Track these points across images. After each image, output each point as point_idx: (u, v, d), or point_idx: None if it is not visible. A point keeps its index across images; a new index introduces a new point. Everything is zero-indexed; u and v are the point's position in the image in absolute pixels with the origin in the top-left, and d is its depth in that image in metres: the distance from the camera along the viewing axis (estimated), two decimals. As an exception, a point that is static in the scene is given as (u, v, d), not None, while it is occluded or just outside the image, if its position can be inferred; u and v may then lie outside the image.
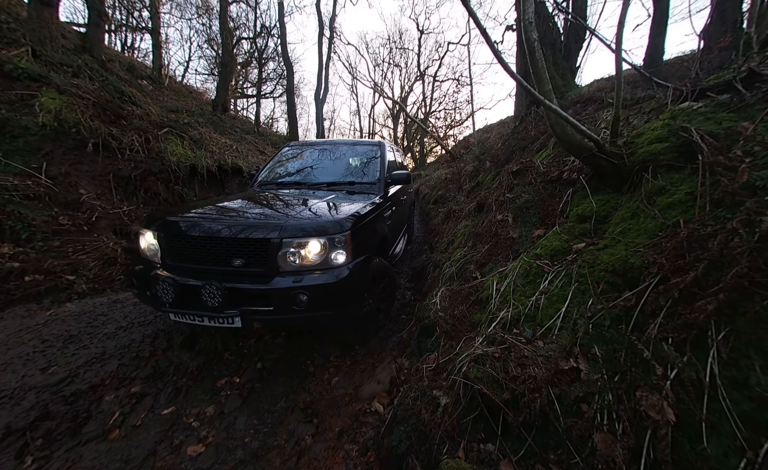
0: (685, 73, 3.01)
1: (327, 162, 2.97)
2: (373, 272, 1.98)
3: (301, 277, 1.56)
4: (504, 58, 1.64)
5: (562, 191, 2.19)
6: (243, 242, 1.57)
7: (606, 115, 2.75)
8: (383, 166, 2.78)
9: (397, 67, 19.95)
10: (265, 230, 1.59)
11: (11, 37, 4.37)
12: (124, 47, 12.06)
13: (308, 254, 1.61)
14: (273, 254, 1.55)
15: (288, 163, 3.09)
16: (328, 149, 3.14)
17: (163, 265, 1.73)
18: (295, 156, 3.17)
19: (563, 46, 4.56)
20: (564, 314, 1.29)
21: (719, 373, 0.87)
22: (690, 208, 1.31)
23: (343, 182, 2.60)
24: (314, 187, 2.56)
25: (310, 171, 2.88)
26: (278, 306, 1.53)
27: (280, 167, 3.05)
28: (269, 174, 2.94)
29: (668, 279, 1.08)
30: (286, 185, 2.73)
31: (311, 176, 2.81)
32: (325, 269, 1.62)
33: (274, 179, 2.85)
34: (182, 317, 1.56)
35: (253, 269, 1.58)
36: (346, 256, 1.67)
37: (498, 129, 10.19)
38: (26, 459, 1.23)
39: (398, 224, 3.18)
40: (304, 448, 1.37)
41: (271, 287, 1.53)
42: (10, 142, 3.34)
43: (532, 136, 3.86)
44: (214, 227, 1.62)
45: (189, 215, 1.82)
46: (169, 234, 1.72)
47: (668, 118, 1.86)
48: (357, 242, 1.76)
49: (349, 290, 1.67)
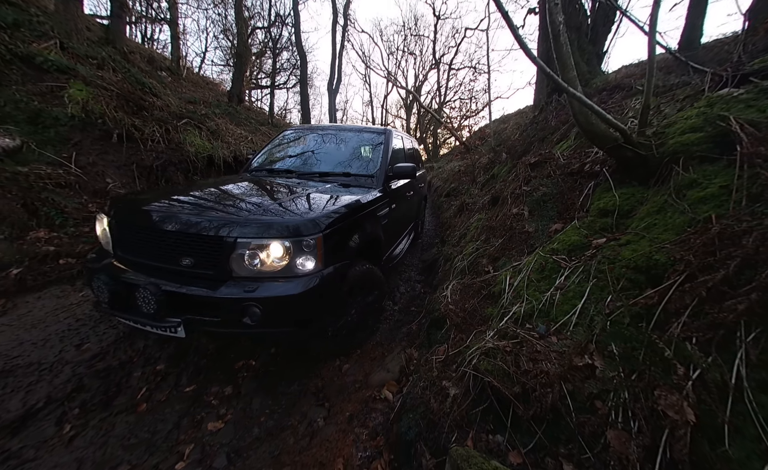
0: (726, 57, 2.77)
1: (326, 149, 2.68)
2: (356, 280, 1.74)
3: (255, 286, 1.31)
4: (525, 42, 1.56)
5: (583, 184, 2.10)
6: (192, 238, 1.35)
7: (634, 104, 2.59)
8: (385, 157, 2.46)
9: (412, 55, 19.45)
10: (217, 226, 1.34)
11: (41, 30, 4.57)
12: (144, 39, 12.36)
13: (268, 258, 1.35)
14: (225, 256, 1.32)
15: (284, 148, 2.85)
16: (330, 134, 2.86)
17: (115, 256, 1.54)
18: (293, 141, 2.92)
19: (590, 29, 4.28)
20: (580, 311, 1.26)
21: (746, 375, 0.83)
22: (724, 202, 1.23)
23: (337, 173, 2.30)
24: (305, 176, 2.31)
25: (305, 158, 2.63)
26: (225, 318, 1.30)
27: (276, 152, 2.80)
28: (262, 159, 2.72)
29: (695, 277, 1.03)
30: (275, 172, 2.48)
31: (305, 163, 2.56)
32: (289, 277, 1.37)
33: (264, 165, 2.62)
34: (124, 320, 1.36)
35: (203, 271, 1.36)
36: (315, 263, 1.41)
37: (515, 119, 9.82)
38: (65, 426, 1.34)
39: (400, 223, 2.87)
40: (316, 430, 1.42)
41: (217, 295, 1.29)
42: (43, 132, 3.53)
43: (552, 126, 3.70)
44: (163, 218, 1.41)
45: (143, 200, 1.61)
46: (120, 222, 1.52)
47: (704, 106, 1.73)
48: (332, 246, 1.51)
49: (317, 304, 1.42)
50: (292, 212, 1.56)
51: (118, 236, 1.53)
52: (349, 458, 1.27)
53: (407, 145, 3.61)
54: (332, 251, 1.51)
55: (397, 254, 2.77)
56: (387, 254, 2.42)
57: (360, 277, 1.78)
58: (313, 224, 1.43)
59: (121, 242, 1.52)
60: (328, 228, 1.48)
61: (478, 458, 0.88)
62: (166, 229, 1.38)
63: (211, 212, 1.50)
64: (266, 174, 2.46)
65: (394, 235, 2.65)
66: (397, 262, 2.76)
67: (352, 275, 1.70)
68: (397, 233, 2.78)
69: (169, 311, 1.28)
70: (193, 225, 1.36)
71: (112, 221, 1.55)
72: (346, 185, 2.16)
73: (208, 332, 1.49)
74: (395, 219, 2.55)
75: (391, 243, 2.59)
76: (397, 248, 2.86)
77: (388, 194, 2.29)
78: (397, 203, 2.59)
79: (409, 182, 3.02)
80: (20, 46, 4.00)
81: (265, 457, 1.28)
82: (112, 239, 1.55)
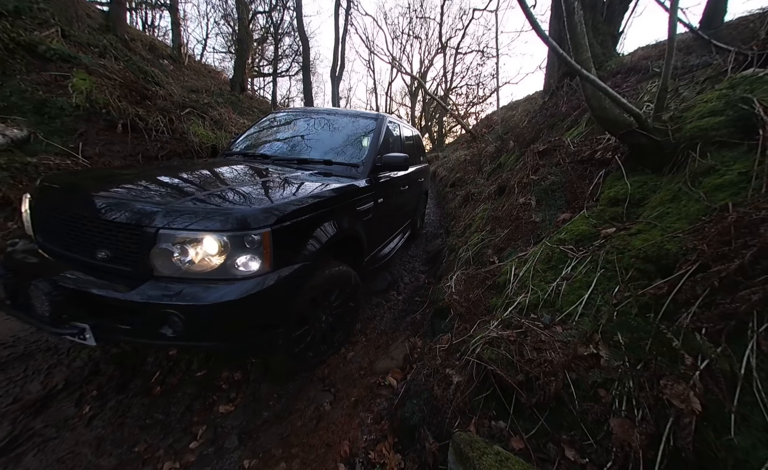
0: (751, 36, 2.60)
1: (312, 134, 2.45)
2: (324, 286, 1.49)
3: (180, 288, 1.07)
4: (537, 21, 1.49)
5: (594, 172, 2.04)
6: (108, 226, 1.12)
7: (651, 87, 2.47)
8: (375, 145, 2.21)
9: (417, 39, 18.81)
10: (137, 213, 1.11)
11: (41, 18, 4.53)
12: (144, 25, 12.18)
13: (198, 255, 1.10)
14: (145, 250, 1.08)
15: (269, 131, 2.62)
16: (319, 118, 2.62)
17: (36, 243, 1.33)
18: (280, 124, 2.69)
19: (606, 7, 4.06)
20: (587, 301, 1.25)
21: (756, 366, 0.82)
22: (742, 190, 1.18)
23: (317, 161, 2.06)
24: (281, 162, 2.08)
25: (288, 143, 2.38)
26: (138, 326, 1.08)
27: (259, 135, 2.58)
28: (242, 142, 2.51)
29: (708, 267, 1.01)
30: (250, 156, 2.25)
31: (286, 148, 2.32)
32: (224, 280, 1.11)
33: (241, 149, 2.40)
34: (25, 322, 1.15)
35: (119, 266, 1.13)
36: (261, 263, 1.15)
37: (524, 105, 9.51)
38: (84, 407, 1.41)
39: (391, 220, 2.60)
40: (323, 413, 1.47)
41: (127, 297, 1.05)
42: (49, 123, 3.55)
43: (562, 112, 3.58)
44: (77, 201, 1.21)
45: (65, 180, 1.40)
46: (38, 203, 1.31)
47: (726, 87, 1.64)
48: (287, 244, 1.24)
49: (260, 314, 1.17)
50: (237, 201, 1.27)
51: (38, 219, 1.31)
52: (355, 440, 1.31)
53: (406, 134, 3.34)
54: (287, 250, 1.24)
55: (384, 255, 2.50)
56: (371, 254, 2.14)
57: (330, 282, 1.53)
58: (260, 216, 1.15)
59: (41, 227, 1.31)
60: (282, 222, 1.21)
61: (480, 442, 0.90)
62: (80, 213, 1.16)
63: (136, 196, 1.23)
64: (240, 159, 2.24)
65: (381, 233, 2.36)
66: (384, 263, 2.49)
67: (319, 280, 1.44)
68: (385, 231, 2.50)
69: (75, 314, 1.05)
70: (109, 210, 1.12)
71: (32, 201, 1.33)
72: (327, 173, 1.92)
73: (123, 340, 1.21)
74: (384, 215, 2.30)
75: (377, 242, 2.30)
76: (386, 247, 2.56)
77: (374, 187, 2.05)
78: (387, 197, 2.33)
79: (406, 175, 2.84)
80: (22, 34, 3.98)
81: (274, 438, 1.33)
82: (33, 222, 1.33)
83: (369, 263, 2.15)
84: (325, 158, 2.08)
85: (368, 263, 2.13)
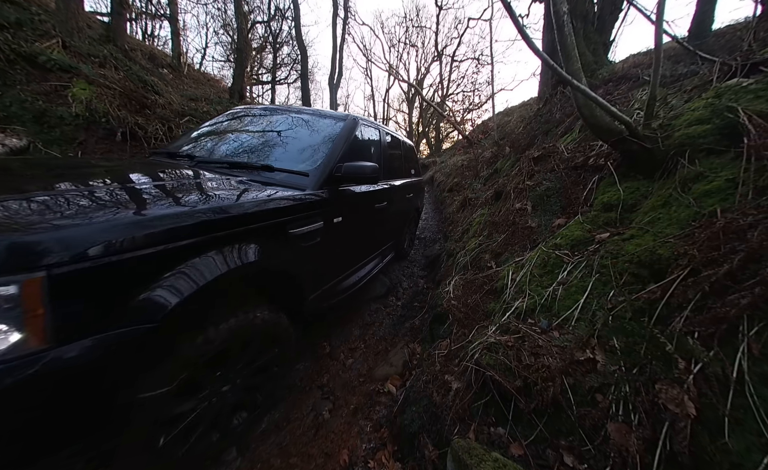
0: (737, 45, 2.69)
1: (266, 135, 2.02)
2: (220, 344, 1.03)
3: None
4: (529, 33, 1.54)
5: (587, 178, 2.08)
6: None
7: (641, 95, 2.54)
8: (335, 152, 1.76)
9: (414, 47, 19.16)
10: None
11: (42, 29, 4.59)
12: (144, 36, 12.33)
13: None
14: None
15: (217, 129, 2.20)
16: (281, 117, 2.19)
17: None
18: (234, 121, 2.24)
19: (596, 17, 4.18)
20: (582, 306, 1.27)
21: (748, 369, 0.83)
22: (729, 196, 1.22)
23: (254, 166, 1.62)
24: (206, 165, 1.65)
25: (229, 143, 1.96)
26: None
27: (203, 133, 2.16)
28: (182, 140, 2.10)
29: (699, 271, 1.03)
30: (174, 155, 1.81)
31: (224, 150, 1.89)
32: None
33: (173, 149, 1.96)
34: None
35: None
36: (23, 336, 0.66)
37: (519, 112, 9.68)
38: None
39: (360, 244, 2.19)
40: (322, 422, 1.46)
41: None
42: (48, 132, 3.57)
43: (556, 119, 3.65)
44: None
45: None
46: None
47: (712, 96, 1.69)
48: (94, 295, 0.74)
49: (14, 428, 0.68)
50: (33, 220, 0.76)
51: None
52: (354, 449, 1.30)
53: (389, 142, 2.86)
54: (99, 308, 0.75)
55: (349, 286, 2.04)
56: (322, 289, 1.69)
57: (237, 337, 1.07)
58: (23, 249, 0.67)
59: None
60: (83, 259, 0.71)
61: (479, 449, 0.90)
62: None
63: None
64: (163, 157, 1.83)
65: (340, 260, 1.91)
66: (350, 294, 2.03)
67: (212, 338, 1.00)
68: (349, 257, 2.04)
69: None
70: None
71: None
72: (268, 182, 1.49)
73: None
74: (345, 238, 1.87)
75: (333, 273, 1.83)
76: (351, 277, 2.10)
77: (327, 202, 1.60)
78: (352, 215, 1.91)
79: (385, 190, 2.46)
80: (23, 45, 4.02)
81: (272, 448, 1.32)
82: None
83: (319, 299, 1.67)
84: (266, 163, 1.63)
85: (318, 300, 1.65)
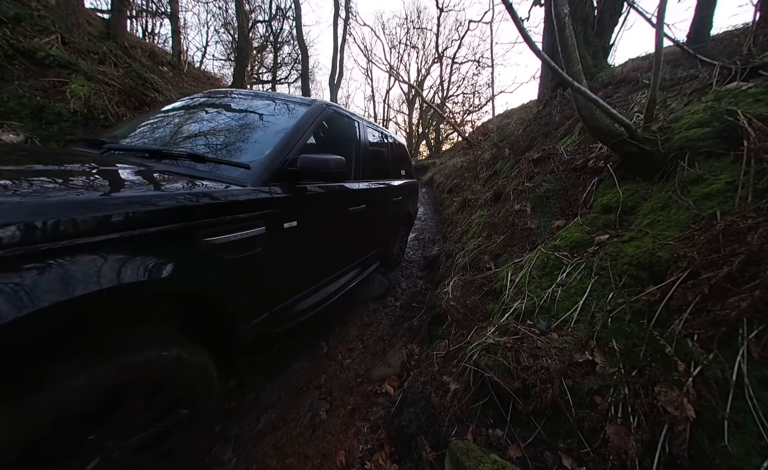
0: (736, 50, 2.70)
1: (213, 121, 1.67)
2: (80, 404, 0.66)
3: None
4: (529, 35, 1.54)
5: (587, 180, 2.08)
6: None
7: (640, 98, 2.55)
8: (289, 141, 1.43)
9: (414, 48, 19.24)
10: None
11: (42, 25, 4.56)
12: (144, 33, 12.29)
13: None
14: None
15: (163, 114, 1.82)
16: (235, 103, 1.84)
17: None
18: (183, 107, 1.85)
19: (596, 21, 4.20)
20: (581, 308, 1.26)
21: (748, 372, 0.83)
22: (729, 199, 1.22)
23: (179, 154, 1.28)
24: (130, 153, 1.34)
25: (167, 130, 1.62)
26: None
27: (147, 120, 1.76)
28: (123, 128, 1.72)
29: (699, 274, 1.03)
30: (95, 144, 1.45)
31: (157, 137, 1.56)
32: None
33: (107, 136, 1.62)
34: None
35: None
36: None
37: (519, 114, 9.71)
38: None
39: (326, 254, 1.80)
40: (319, 423, 1.45)
41: None
42: (46, 128, 3.55)
43: (556, 121, 3.66)
44: None
45: None
46: None
47: (712, 100, 1.70)
48: None
49: None
50: None
51: None
52: (351, 450, 1.29)
53: (372, 138, 2.43)
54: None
55: (312, 306, 1.64)
56: (266, 313, 1.30)
57: (115, 390, 0.74)
58: None
59: None
60: None
61: (477, 451, 0.89)
62: None
63: None
64: (81, 146, 1.50)
65: (296, 277, 1.52)
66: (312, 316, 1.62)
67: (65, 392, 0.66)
68: (309, 272, 1.64)
69: None
70: None
71: None
72: (186, 174, 1.14)
73: None
74: (304, 248, 1.52)
75: (285, 292, 1.46)
76: (313, 296, 1.68)
77: (276, 202, 1.26)
78: (314, 220, 1.57)
79: (364, 191, 2.11)
80: (22, 41, 3.99)
81: (269, 449, 1.31)
82: None
83: (268, 324, 1.31)
84: (194, 152, 1.29)
85: (265, 325, 1.29)
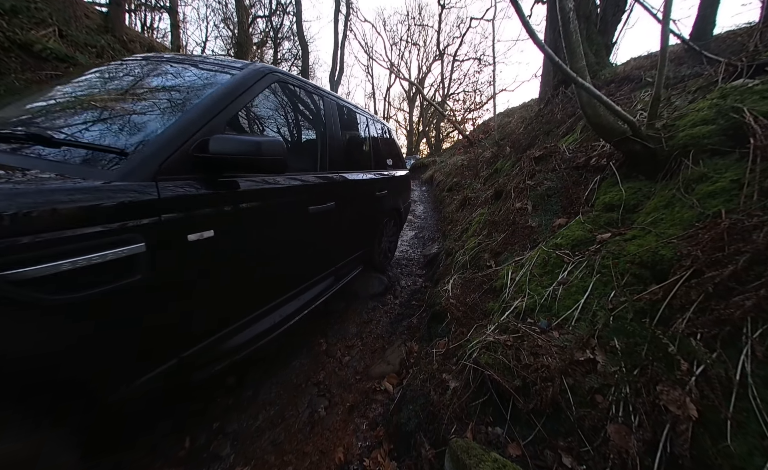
0: (739, 49, 2.68)
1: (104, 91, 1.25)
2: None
3: None
4: (533, 29, 1.51)
5: (589, 178, 2.07)
6: None
7: (644, 96, 2.52)
8: (199, 116, 1.04)
9: (415, 45, 19.12)
10: None
11: (39, 17, 4.51)
12: (143, 27, 12.18)
13: None
14: None
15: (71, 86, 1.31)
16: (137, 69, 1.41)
17: None
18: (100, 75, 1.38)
19: (599, 19, 4.16)
20: (583, 306, 1.25)
21: (751, 371, 0.82)
22: (734, 197, 1.20)
23: (19, 136, 0.91)
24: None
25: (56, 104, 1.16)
26: None
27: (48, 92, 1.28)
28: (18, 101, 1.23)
29: (702, 273, 1.01)
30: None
31: (40, 113, 1.11)
32: None
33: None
34: None
35: None
36: None
37: (520, 112, 9.66)
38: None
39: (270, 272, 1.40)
40: (318, 419, 1.44)
41: None
42: (44, 122, 3.51)
43: (557, 119, 3.64)
44: None
45: None
46: None
47: (717, 97, 1.68)
48: None
49: None
50: None
51: None
52: (350, 447, 1.28)
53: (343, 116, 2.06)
54: None
55: (254, 339, 1.30)
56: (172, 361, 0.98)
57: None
58: None
59: None
60: None
61: (477, 449, 0.89)
62: None
63: None
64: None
65: (216, 305, 1.14)
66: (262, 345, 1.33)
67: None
68: (238, 297, 1.25)
69: None
70: None
71: None
72: (19, 167, 0.80)
73: None
74: (228, 265, 1.14)
75: (203, 327, 1.10)
76: (254, 326, 1.32)
77: (168, 205, 0.90)
78: (251, 225, 1.21)
79: (336, 184, 1.78)
80: (18, 33, 3.95)
81: (267, 445, 1.30)
82: None
83: (174, 375, 0.99)
84: (41, 133, 0.90)
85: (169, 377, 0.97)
